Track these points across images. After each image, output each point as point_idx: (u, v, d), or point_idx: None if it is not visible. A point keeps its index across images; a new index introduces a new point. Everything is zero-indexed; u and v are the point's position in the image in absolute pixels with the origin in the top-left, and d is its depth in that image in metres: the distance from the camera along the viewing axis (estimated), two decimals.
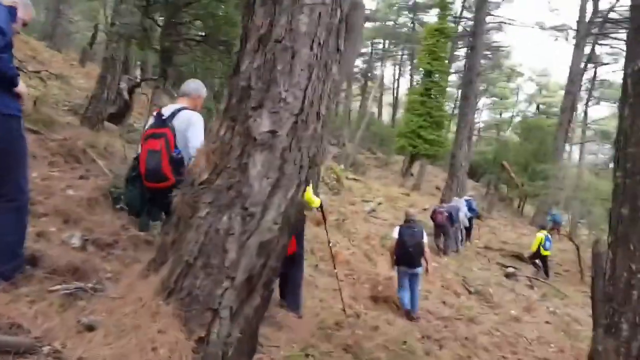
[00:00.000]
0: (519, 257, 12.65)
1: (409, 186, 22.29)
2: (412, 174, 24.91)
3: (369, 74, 40.54)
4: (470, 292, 8.74)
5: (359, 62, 41.97)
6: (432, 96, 23.08)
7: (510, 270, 11.19)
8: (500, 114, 42.94)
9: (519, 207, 26.14)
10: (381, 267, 8.36)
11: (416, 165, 24.86)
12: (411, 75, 36.01)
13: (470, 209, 13.08)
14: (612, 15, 21.24)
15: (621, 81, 3.43)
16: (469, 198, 13.78)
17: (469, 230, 13.00)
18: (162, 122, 2.94)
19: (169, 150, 2.80)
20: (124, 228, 3.80)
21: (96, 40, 20.42)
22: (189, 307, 2.05)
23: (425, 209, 14.83)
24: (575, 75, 21.21)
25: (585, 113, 30.51)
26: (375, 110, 40.79)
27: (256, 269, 2.13)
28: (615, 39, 22.59)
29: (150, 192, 2.91)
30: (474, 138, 33.32)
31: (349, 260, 7.94)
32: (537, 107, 39.31)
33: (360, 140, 27.74)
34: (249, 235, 2.10)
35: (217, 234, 2.07)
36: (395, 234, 6.62)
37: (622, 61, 23.71)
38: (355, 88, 42.25)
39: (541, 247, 11.42)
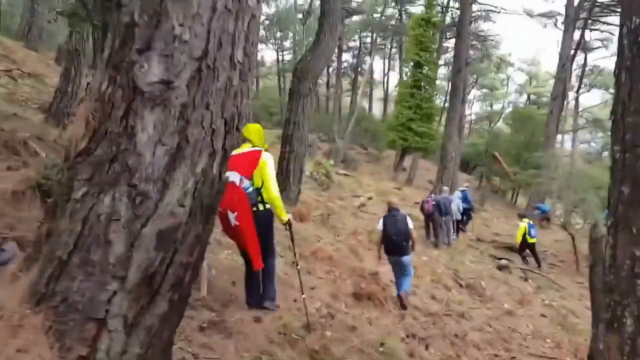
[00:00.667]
0: (511, 249, 12.27)
1: (401, 181, 21.86)
2: (404, 169, 24.48)
3: (359, 69, 40.03)
4: (461, 286, 8.30)
5: (348, 57, 41.61)
6: (421, 88, 22.66)
7: (503, 262, 10.79)
8: (491, 106, 42.64)
9: (511, 198, 25.84)
10: (367, 262, 7.91)
11: (409, 159, 24.44)
12: (401, 68, 35.56)
13: (465, 200, 12.66)
14: None
15: (612, 68, 3.03)
16: (464, 189, 13.35)
17: (461, 222, 12.57)
18: None
19: None
20: None
21: None
22: (65, 317, 1.55)
23: (417, 203, 14.42)
24: (565, 61, 20.81)
25: (577, 101, 30.16)
26: (365, 105, 40.32)
27: (156, 266, 1.64)
28: (605, 23, 22.22)
29: None
30: (466, 131, 33.00)
31: (332, 256, 7.46)
32: (528, 97, 39.03)
33: (350, 135, 27.23)
34: (143, 222, 1.60)
35: (98, 222, 1.57)
36: (380, 225, 6.52)
37: (612, 47, 23.45)
38: (346, 83, 41.76)
39: (527, 236, 11.17)
